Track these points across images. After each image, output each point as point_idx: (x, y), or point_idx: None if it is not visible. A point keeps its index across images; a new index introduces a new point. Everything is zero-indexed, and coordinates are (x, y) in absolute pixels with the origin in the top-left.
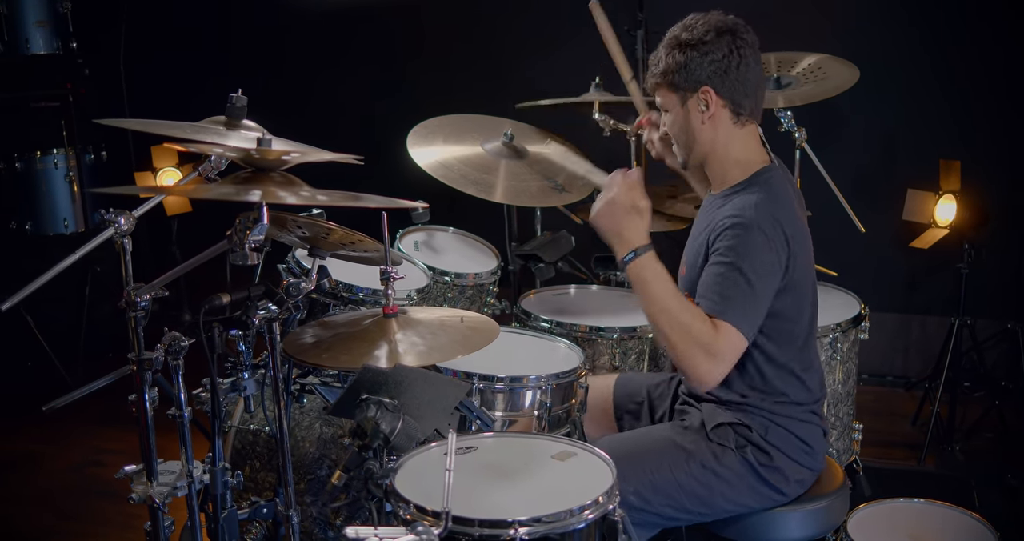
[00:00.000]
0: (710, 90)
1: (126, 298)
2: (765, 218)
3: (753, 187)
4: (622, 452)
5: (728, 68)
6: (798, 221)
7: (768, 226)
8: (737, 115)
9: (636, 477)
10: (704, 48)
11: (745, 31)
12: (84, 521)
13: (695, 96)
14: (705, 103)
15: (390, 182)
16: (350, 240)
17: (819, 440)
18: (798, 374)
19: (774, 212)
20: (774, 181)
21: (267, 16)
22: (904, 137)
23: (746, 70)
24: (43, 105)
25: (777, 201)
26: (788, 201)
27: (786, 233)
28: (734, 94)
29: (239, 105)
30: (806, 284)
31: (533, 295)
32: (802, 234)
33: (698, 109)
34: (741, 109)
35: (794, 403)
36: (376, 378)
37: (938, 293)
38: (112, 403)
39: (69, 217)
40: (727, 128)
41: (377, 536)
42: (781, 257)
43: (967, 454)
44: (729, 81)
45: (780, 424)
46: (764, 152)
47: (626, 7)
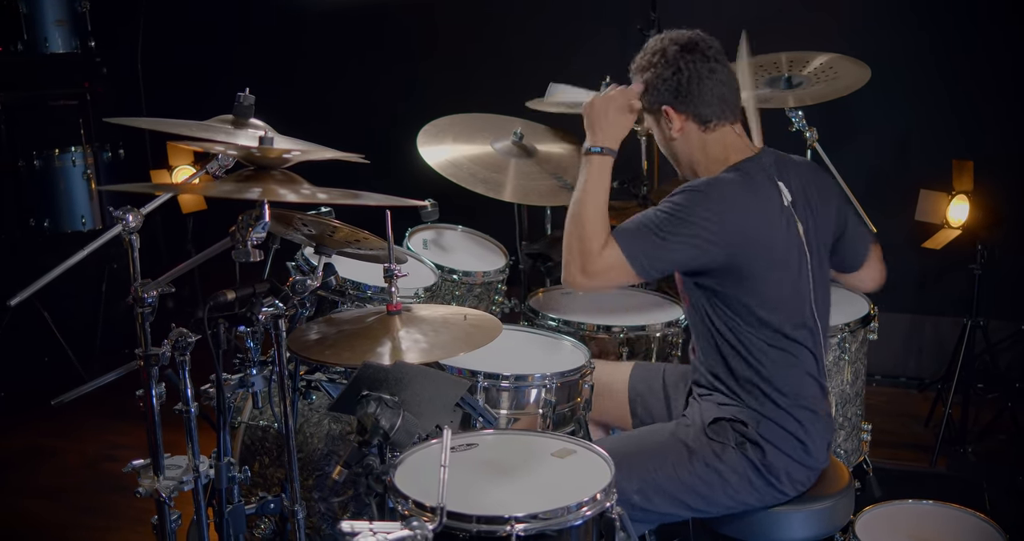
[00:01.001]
0: (669, 109)
1: (133, 294)
2: (718, 191)
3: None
4: (626, 451)
5: (679, 85)
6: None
7: (718, 198)
8: (704, 124)
9: (639, 476)
10: (655, 71)
11: (698, 42)
12: (98, 515)
13: (661, 115)
14: (669, 120)
15: (403, 181)
16: (356, 238)
17: (814, 437)
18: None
19: (734, 192)
20: (749, 168)
21: (284, 14)
22: (916, 137)
23: (699, 83)
24: (61, 103)
25: (745, 182)
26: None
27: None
28: (693, 107)
29: (246, 104)
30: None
31: (541, 294)
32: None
33: (667, 126)
34: (706, 118)
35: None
36: (377, 375)
37: (951, 294)
38: (127, 398)
39: (87, 214)
40: (698, 136)
41: (372, 531)
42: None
43: (979, 456)
44: (683, 97)
45: (770, 417)
46: (745, 146)
47: (639, 7)
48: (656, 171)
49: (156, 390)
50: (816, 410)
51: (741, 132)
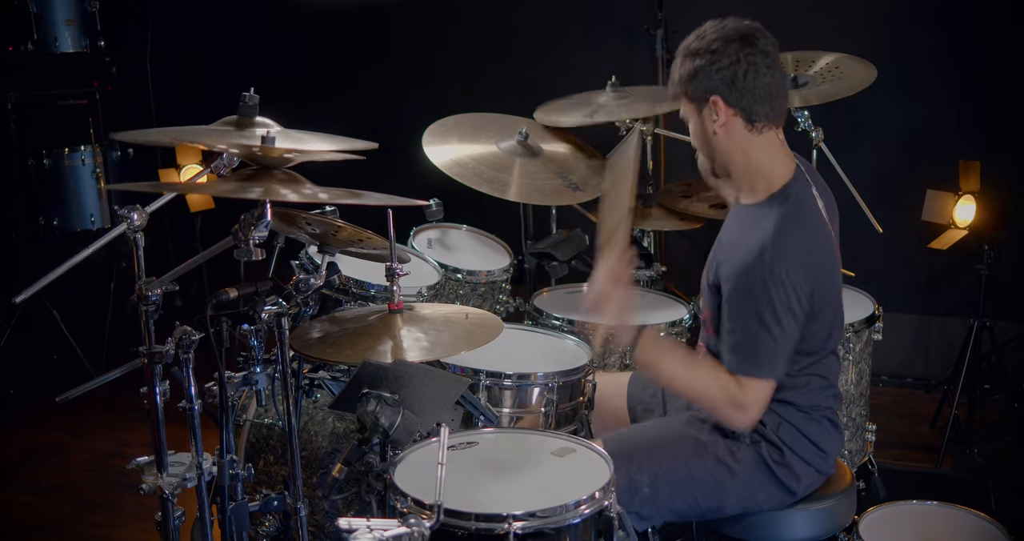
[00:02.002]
0: (719, 99)
1: (137, 292)
2: (784, 258)
3: (775, 206)
4: (638, 443)
5: (735, 76)
6: (824, 241)
7: (788, 271)
8: (751, 122)
9: (651, 468)
10: (711, 57)
11: (759, 36)
12: (104, 512)
13: (707, 105)
14: (716, 112)
15: (408, 180)
16: (359, 237)
17: (832, 444)
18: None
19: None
20: (797, 198)
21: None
22: (923, 137)
23: (755, 77)
24: (71, 103)
25: (799, 222)
26: (811, 219)
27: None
28: (744, 102)
29: (251, 104)
30: (830, 305)
31: (546, 293)
32: (825, 256)
33: (711, 118)
34: (754, 116)
35: (804, 404)
36: (377, 373)
37: (958, 294)
38: (136, 396)
39: (96, 213)
40: (743, 136)
41: (369, 528)
42: (802, 299)
43: (986, 457)
44: (737, 89)
45: (791, 422)
46: (789, 160)
47: (646, 6)
48: (663, 171)
49: (160, 388)
50: (834, 420)
51: (783, 140)
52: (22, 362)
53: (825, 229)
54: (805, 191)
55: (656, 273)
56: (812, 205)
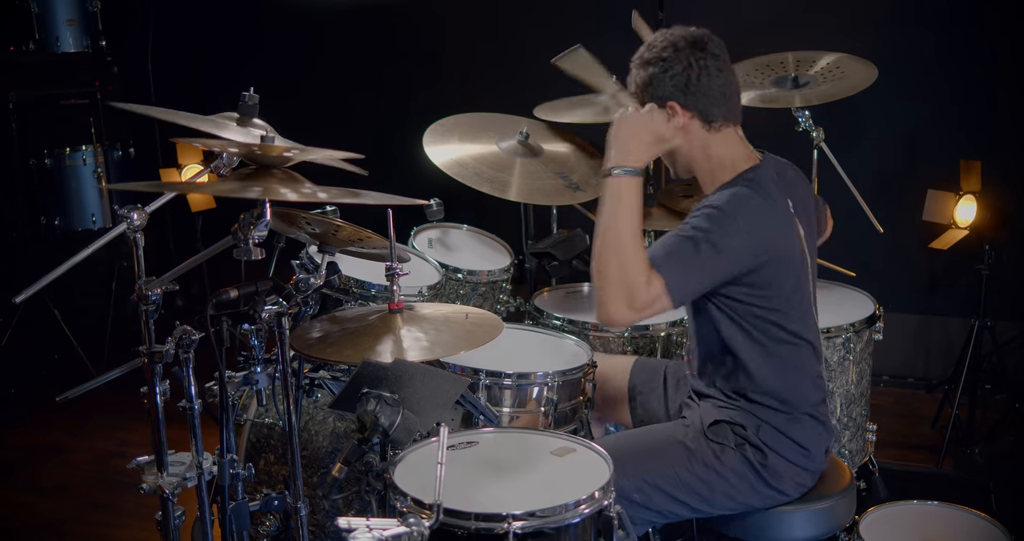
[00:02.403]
0: (675, 104)
1: (137, 292)
2: (742, 208)
3: (734, 185)
4: (626, 449)
5: (688, 81)
6: (777, 216)
7: (743, 215)
8: (708, 123)
9: (639, 474)
10: (664, 64)
11: (707, 41)
12: (105, 511)
13: (664, 110)
14: (673, 113)
15: (409, 180)
16: (359, 237)
17: (815, 442)
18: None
19: (756, 206)
20: (760, 179)
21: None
22: (924, 137)
23: (708, 80)
24: (72, 102)
25: (761, 195)
26: (769, 198)
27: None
28: (699, 104)
29: (251, 103)
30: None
31: (546, 293)
32: (780, 230)
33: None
34: (711, 117)
35: (782, 403)
36: (376, 372)
37: (959, 294)
38: (137, 396)
39: (97, 213)
40: (701, 135)
41: (368, 527)
42: (747, 246)
43: (986, 457)
44: (691, 93)
45: (771, 423)
46: (750, 153)
47: (647, 7)
48: (663, 170)
49: (161, 387)
50: (817, 416)
51: (743, 136)
52: (23, 362)
53: (783, 211)
54: (766, 180)
55: None
56: (773, 193)
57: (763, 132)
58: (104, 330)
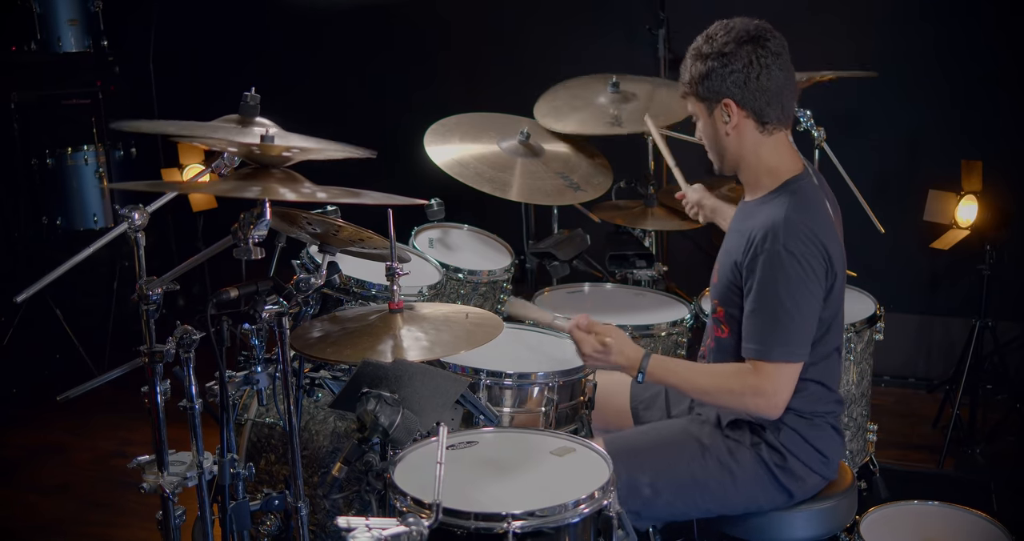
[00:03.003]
0: (731, 102)
1: (138, 291)
2: (795, 237)
3: (782, 196)
4: (639, 444)
5: (748, 79)
6: (833, 230)
7: (799, 247)
8: (763, 124)
9: (652, 469)
10: (724, 59)
11: (769, 37)
12: (106, 511)
13: (718, 107)
14: (728, 114)
15: (410, 180)
16: (359, 237)
17: (835, 450)
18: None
19: (806, 224)
20: (804, 190)
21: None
22: (925, 137)
23: (767, 79)
24: (74, 102)
25: (808, 210)
26: (818, 209)
27: (823, 245)
28: (756, 104)
29: (252, 103)
30: (835, 298)
31: (547, 293)
32: (836, 246)
33: (722, 120)
34: (766, 118)
35: (809, 413)
36: (376, 372)
37: (960, 295)
38: (138, 395)
39: (99, 213)
40: (754, 137)
41: (368, 526)
42: (819, 275)
43: (987, 457)
44: (750, 92)
45: (794, 428)
46: (797, 159)
47: (648, 6)
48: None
49: (161, 387)
50: (836, 426)
51: (792, 141)
52: (24, 361)
53: (831, 221)
54: (811, 186)
55: (658, 273)
56: (819, 198)
57: None
58: (105, 330)
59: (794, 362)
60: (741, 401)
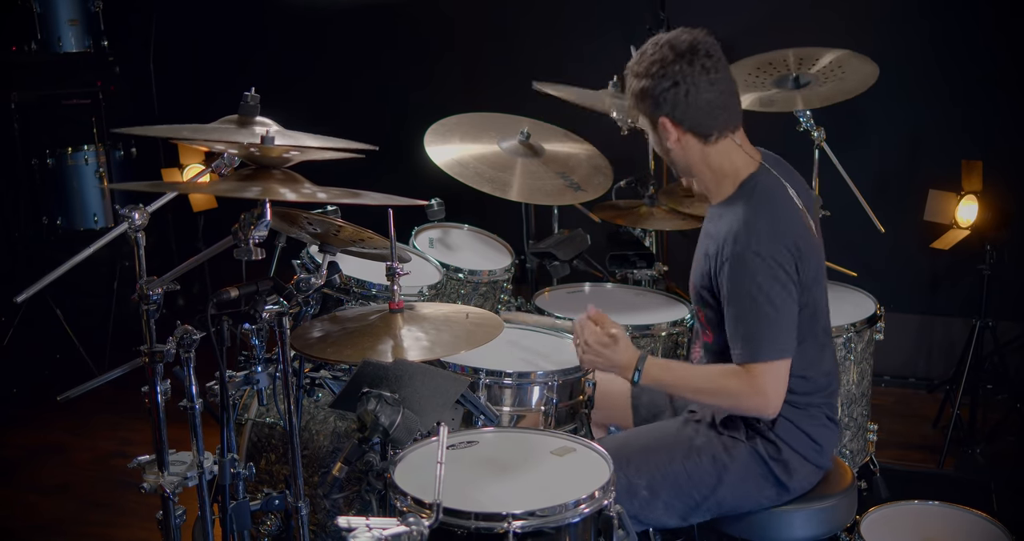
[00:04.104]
0: (666, 120)
1: (139, 291)
2: (759, 239)
3: (741, 198)
4: (635, 447)
5: (678, 98)
6: (796, 220)
7: (765, 247)
8: (704, 137)
9: (648, 471)
10: (652, 81)
11: (698, 49)
12: (107, 511)
13: (659, 123)
14: (666, 131)
15: (410, 179)
16: (360, 237)
17: (828, 439)
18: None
19: (767, 223)
20: (761, 187)
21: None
22: (925, 137)
23: (698, 95)
24: (74, 102)
25: (767, 207)
26: (779, 203)
27: (788, 239)
28: (692, 121)
29: (252, 103)
30: (814, 285)
31: (547, 293)
32: (800, 234)
33: (664, 136)
34: (705, 131)
35: (802, 402)
36: (377, 372)
37: (960, 295)
38: (137, 394)
39: (99, 213)
40: (698, 149)
41: (368, 526)
42: (789, 270)
43: (988, 457)
44: (681, 109)
45: (788, 418)
46: (751, 159)
47: (648, 6)
48: (664, 171)
49: (162, 387)
50: (830, 414)
51: (743, 138)
52: (25, 361)
53: (796, 210)
54: (770, 179)
55: (658, 273)
56: (781, 191)
57: (763, 132)
58: (105, 330)
59: (784, 358)
60: (738, 402)
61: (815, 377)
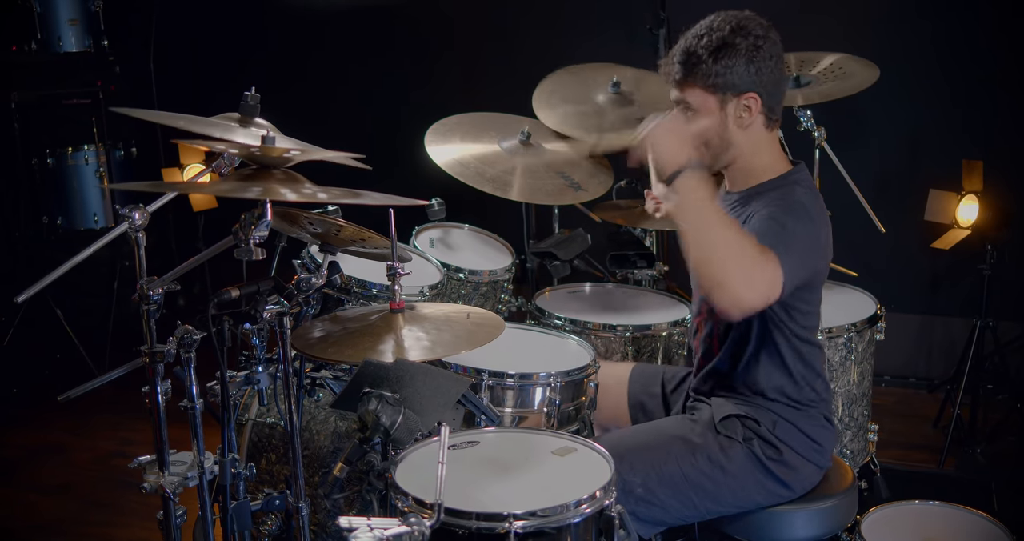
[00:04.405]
0: (756, 97)
1: (139, 291)
2: (812, 205)
3: (787, 185)
4: (630, 444)
5: (776, 77)
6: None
7: (810, 200)
8: (770, 120)
9: (643, 469)
10: (758, 54)
11: (776, 36)
12: (108, 511)
13: (736, 101)
14: (747, 109)
15: (410, 179)
16: (361, 237)
17: (828, 438)
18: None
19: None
20: (807, 183)
21: (296, 14)
22: (926, 137)
23: (782, 78)
24: (75, 102)
25: (818, 198)
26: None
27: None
28: (773, 101)
29: (252, 103)
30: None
31: (548, 293)
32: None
33: (737, 114)
34: (774, 114)
35: (801, 403)
36: (378, 372)
37: (960, 294)
38: (138, 394)
39: (99, 212)
40: (760, 133)
41: (370, 526)
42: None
43: (988, 457)
44: (774, 86)
45: (788, 420)
46: (785, 157)
47: (648, 6)
48: None
49: (162, 387)
50: (827, 414)
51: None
52: (25, 361)
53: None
54: (811, 182)
55: (658, 273)
56: (818, 195)
57: None
58: (106, 330)
59: (784, 275)
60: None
61: (815, 378)
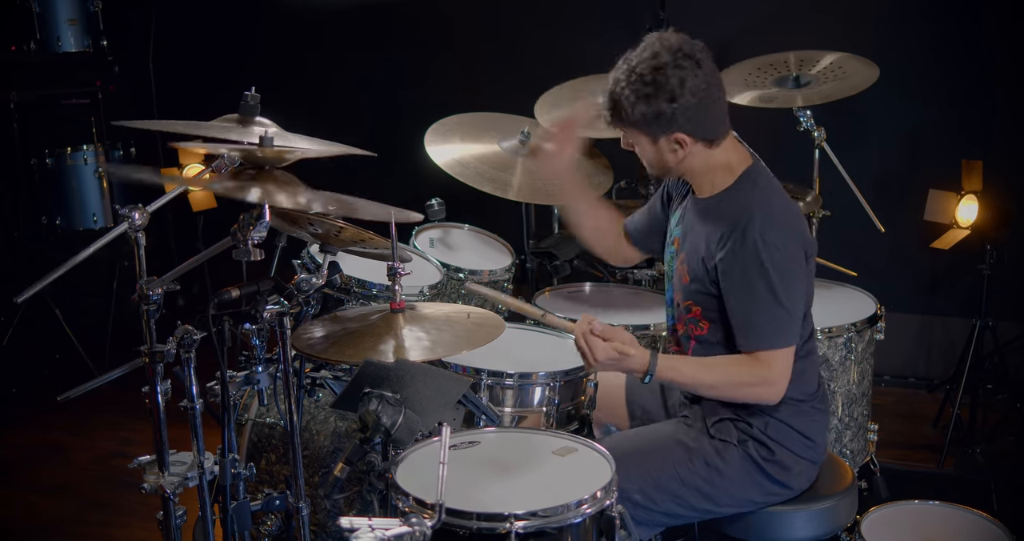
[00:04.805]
0: (684, 136)
1: (139, 291)
2: (769, 224)
3: (744, 186)
4: (626, 450)
5: (697, 114)
6: (798, 212)
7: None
8: (710, 142)
9: (640, 475)
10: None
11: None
12: (108, 511)
13: (667, 138)
14: (679, 144)
15: (410, 179)
16: (361, 237)
17: (820, 433)
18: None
19: (778, 206)
20: (763, 175)
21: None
22: (925, 137)
23: (713, 106)
24: (73, 102)
25: (773, 194)
26: (782, 191)
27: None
28: (706, 131)
29: (252, 103)
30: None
31: (548, 292)
32: (804, 226)
33: (671, 149)
34: (714, 136)
35: (794, 400)
36: (378, 372)
37: (960, 294)
38: (138, 395)
39: (98, 212)
40: (702, 154)
41: (371, 527)
42: (798, 256)
43: (988, 457)
44: (701, 123)
45: (780, 419)
46: (744, 151)
47: (648, 6)
48: None
49: (162, 387)
50: (818, 405)
51: (736, 135)
52: (24, 361)
53: (796, 204)
54: (767, 172)
55: (658, 273)
56: (777, 182)
57: (764, 132)
58: (105, 330)
59: (792, 345)
60: (748, 391)
61: (811, 379)
